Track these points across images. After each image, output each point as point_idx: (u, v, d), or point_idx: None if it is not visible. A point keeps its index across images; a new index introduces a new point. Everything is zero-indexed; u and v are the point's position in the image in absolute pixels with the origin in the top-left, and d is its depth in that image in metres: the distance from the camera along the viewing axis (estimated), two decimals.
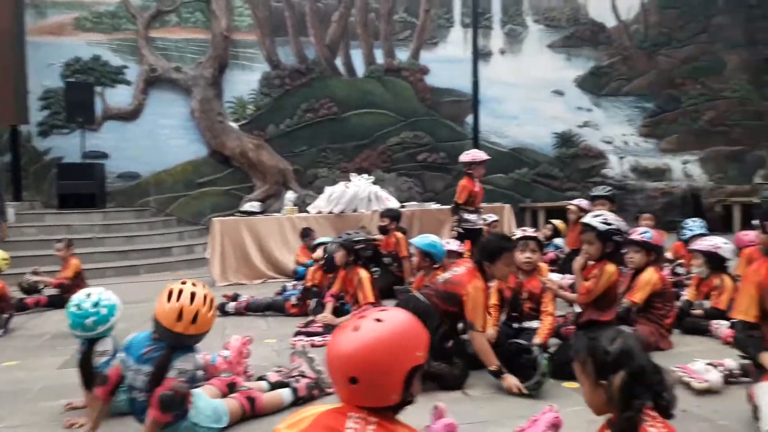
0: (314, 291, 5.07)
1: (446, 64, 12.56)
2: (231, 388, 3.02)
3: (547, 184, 12.95)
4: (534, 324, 3.82)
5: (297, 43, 11.95)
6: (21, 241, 8.43)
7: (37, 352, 4.55)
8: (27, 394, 3.54)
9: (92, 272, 7.39)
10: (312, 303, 4.76)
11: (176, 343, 2.60)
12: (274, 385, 3.18)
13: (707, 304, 4.60)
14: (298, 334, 4.51)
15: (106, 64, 11.09)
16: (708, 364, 3.30)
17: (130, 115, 11.17)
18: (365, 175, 8.77)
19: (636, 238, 4.31)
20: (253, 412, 2.93)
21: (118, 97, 11.11)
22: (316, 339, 4.32)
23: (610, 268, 3.71)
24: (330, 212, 8.09)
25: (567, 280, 5.22)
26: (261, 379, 3.27)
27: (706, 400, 3.08)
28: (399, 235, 6.72)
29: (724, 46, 13.75)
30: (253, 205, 8.53)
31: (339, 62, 12.18)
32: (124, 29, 11.26)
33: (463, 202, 6.42)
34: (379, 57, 12.36)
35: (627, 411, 1.58)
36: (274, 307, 5.58)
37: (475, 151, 7.00)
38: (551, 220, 8.30)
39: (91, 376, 2.90)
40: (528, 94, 12.90)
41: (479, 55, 12.60)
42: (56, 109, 10.77)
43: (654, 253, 4.35)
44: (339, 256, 4.61)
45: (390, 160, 12.27)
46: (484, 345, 3.28)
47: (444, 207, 8.63)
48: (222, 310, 5.66)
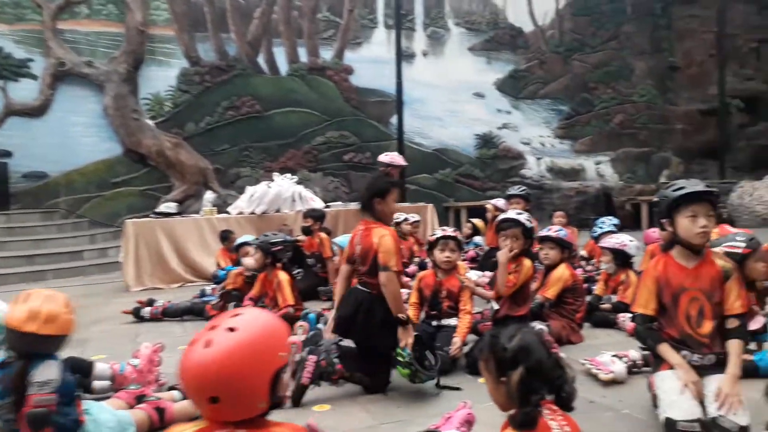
0: (234, 294, 4.93)
1: (371, 64, 12.61)
2: (139, 400, 2.87)
3: (469, 184, 13.25)
4: (452, 321, 3.88)
5: (217, 39, 11.62)
6: None
7: None
8: None
9: None
10: (230, 307, 4.64)
11: (31, 350, 2.36)
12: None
13: (615, 299, 4.83)
14: None
15: (9, 57, 10.33)
16: (613, 356, 3.46)
17: (37, 111, 10.47)
18: (288, 175, 8.64)
19: (552, 235, 4.47)
20: (162, 424, 2.79)
21: (23, 91, 10.38)
22: None
23: (527, 263, 3.84)
24: (252, 213, 7.91)
25: (485, 278, 5.35)
26: (172, 388, 3.14)
27: (612, 391, 3.22)
28: (323, 235, 6.66)
29: (631, 53, 14.57)
30: (169, 206, 8.21)
31: (261, 60, 11.96)
32: (29, 20, 10.53)
33: None
34: (303, 55, 12.24)
35: (525, 406, 1.62)
36: (193, 312, 5.40)
37: (395, 154, 7.14)
38: (471, 219, 8.49)
39: None
40: (450, 96, 13.16)
41: (403, 56, 12.72)
42: None
43: (567, 250, 4.52)
44: (256, 258, 4.51)
45: (316, 160, 12.17)
46: (397, 290, 3.22)
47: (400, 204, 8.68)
48: (136, 316, 5.43)
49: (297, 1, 12.21)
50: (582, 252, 7.06)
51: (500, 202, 6.88)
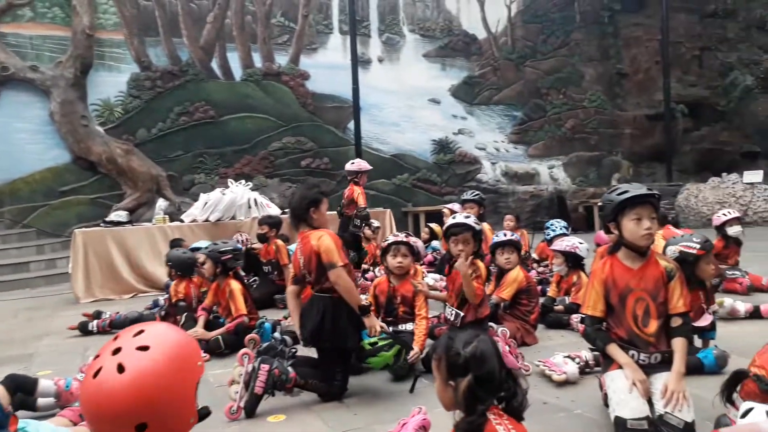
0: (183, 305, 4.81)
1: (326, 70, 12.58)
2: (84, 417, 2.76)
3: (427, 189, 13.35)
4: (409, 326, 3.89)
5: (169, 44, 11.41)
6: None
7: None
8: None
9: None
10: (182, 318, 4.53)
11: None
12: None
13: (567, 300, 4.93)
14: None
15: None
16: (566, 357, 3.53)
17: None
18: (243, 181, 8.53)
19: (511, 239, 4.56)
20: None
21: None
22: None
23: (481, 264, 3.86)
24: (206, 220, 7.78)
25: (443, 281, 5.37)
26: None
27: (565, 391, 3.28)
28: (279, 242, 6.60)
29: (581, 60, 14.97)
30: (120, 215, 7.99)
31: (215, 65, 11.80)
32: None
33: (352, 207, 6.75)
34: (258, 61, 12.12)
35: (471, 414, 1.62)
36: (143, 322, 5.24)
37: (360, 160, 7.36)
38: (429, 224, 8.55)
39: None
40: (406, 101, 13.25)
41: (359, 62, 12.74)
42: None
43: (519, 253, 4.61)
44: (206, 268, 4.43)
45: (272, 166, 12.05)
46: (349, 283, 3.24)
47: (332, 212, 8.64)
48: (84, 330, 5.25)
49: (251, 6, 12.10)
50: (534, 255, 7.20)
51: (456, 207, 6.95)
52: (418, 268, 4.47)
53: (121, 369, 1.18)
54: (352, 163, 7.12)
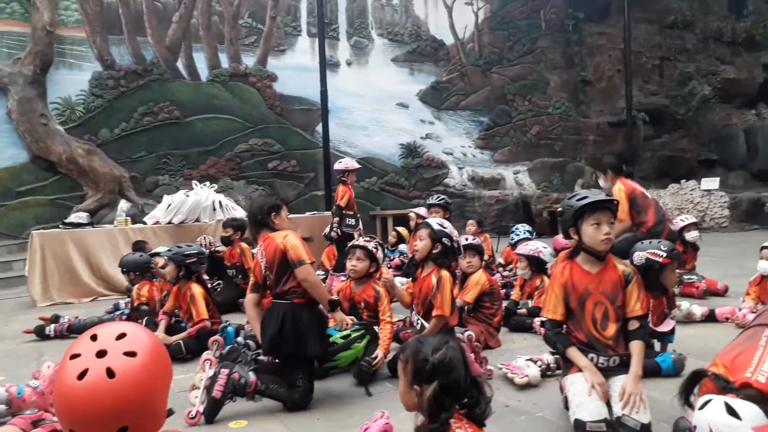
0: (145, 309, 4.71)
1: (295, 72, 12.52)
2: (36, 425, 2.68)
3: (395, 193, 13.39)
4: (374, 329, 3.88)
5: (133, 43, 11.20)
6: None
7: None
8: None
9: None
10: (143, 322, 4.43)
11: None
12: None
13: (531, 304, 4.99)
14: None
15: None
16: (528, 360, 3.57)
17: None
18: (207, 183, 8.41)
19: (473, 243, 4.58)
20: None
21: None
22: None
23: (445, 273, 3.85)
24: (169, 223, 7.64)
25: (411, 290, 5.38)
26: None
27: (526, 394, 3.31)
28: (244, 245, 6.50)
29: (546, 67, 15.24)
30: (80, 216, 7.79)
31: (181, 65, 11.63)
32: None
33: (345, 206, 6.80)
34: (224, 61, 11.99)
35: (433, 422, 1.62)
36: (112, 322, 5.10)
37: (347, 159, 7.43)
38: (396, 228, 8.57)
39: None
40: (375, 105, 13.28)
41: (327, 65, 12.69)
42: None
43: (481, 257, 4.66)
44: (168, 270, 4.34)
45: (238, 168, 11.92)
46: (317, 279, 3.24)
47: (296, 215, 8.62)
48: (40, 335, 5.10)
49: (217, 6, 11.97)
50: (500, 259, 7.28)
51: (423, 211, 6.99)
52: (384, 271, 4.45)
53: (111, 374, 1.20)
54: (340, 162, 7.15)
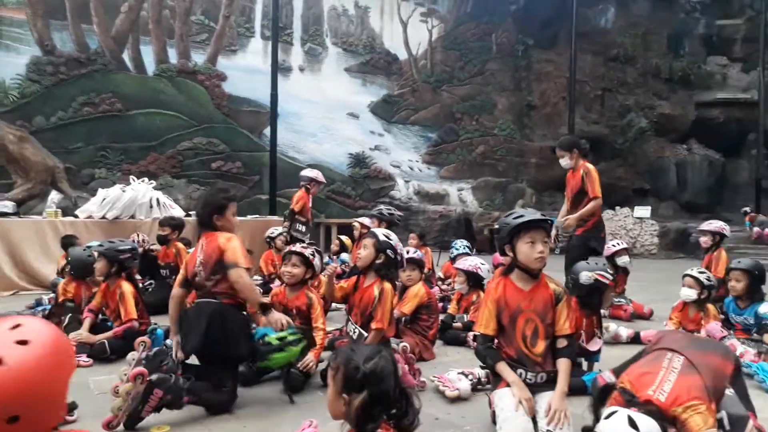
0: (69, 306, 4.50)
1: (245, 73, 12.37)
2: None
3: (341, 202, 13.38)
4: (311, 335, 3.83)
5: (77, 29, 10.79)
6: None
7: None
8: None
9: None
10: (66, 319, 4.22)
11: None
12: None
13: (467, 318, 5.06)
14: None
15: None
16: (460, 373, 3.61)
17: None
18: (146, 179, 8.16)
19: (414, 256, 4.62)
20: None
21: None
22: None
23: (387, 286, 3.85)
24: (103, 217, 7.36)
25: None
26: None
27: (456, 407, 3.34)
28: (179, 245, 6.33)
29: (495, 89, 15.65)
30: (5, 205, 7.38)
31: (127, 56, 11.28)
32: None
33: (298, 212, 6.88)
34: (173, 57, 11.72)
35: None
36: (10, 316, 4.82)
37: (318, 171, 7.53)
38: (339, 236, 8.54)
39: None
40: (325, 113, 13.27)
41: (279, 69, 12.61)
42: None
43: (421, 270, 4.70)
44: (100, 266, 4.16)
45: (180, 166, 11.63)
46: (250, 282, 3.20)
47: (239, 219, 8.41)
48: None
49: (170, 1, 11.70)
50: (440, 273, 7.36)
51: (367, 221, 6.99)
52: (323, 279, 4.41)
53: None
54: (311, 171, 7.31)
